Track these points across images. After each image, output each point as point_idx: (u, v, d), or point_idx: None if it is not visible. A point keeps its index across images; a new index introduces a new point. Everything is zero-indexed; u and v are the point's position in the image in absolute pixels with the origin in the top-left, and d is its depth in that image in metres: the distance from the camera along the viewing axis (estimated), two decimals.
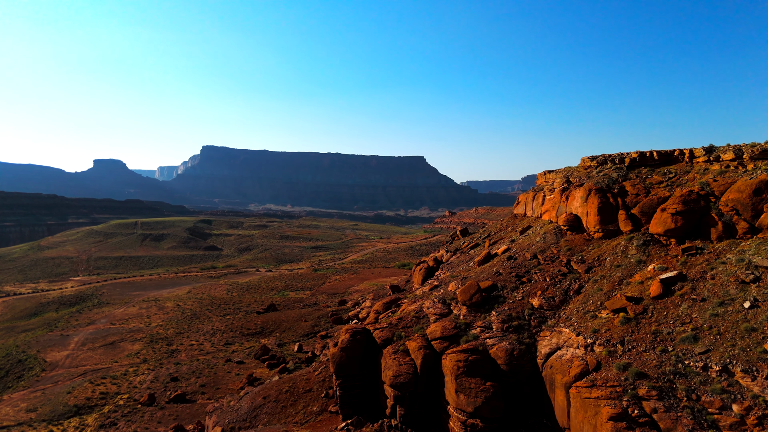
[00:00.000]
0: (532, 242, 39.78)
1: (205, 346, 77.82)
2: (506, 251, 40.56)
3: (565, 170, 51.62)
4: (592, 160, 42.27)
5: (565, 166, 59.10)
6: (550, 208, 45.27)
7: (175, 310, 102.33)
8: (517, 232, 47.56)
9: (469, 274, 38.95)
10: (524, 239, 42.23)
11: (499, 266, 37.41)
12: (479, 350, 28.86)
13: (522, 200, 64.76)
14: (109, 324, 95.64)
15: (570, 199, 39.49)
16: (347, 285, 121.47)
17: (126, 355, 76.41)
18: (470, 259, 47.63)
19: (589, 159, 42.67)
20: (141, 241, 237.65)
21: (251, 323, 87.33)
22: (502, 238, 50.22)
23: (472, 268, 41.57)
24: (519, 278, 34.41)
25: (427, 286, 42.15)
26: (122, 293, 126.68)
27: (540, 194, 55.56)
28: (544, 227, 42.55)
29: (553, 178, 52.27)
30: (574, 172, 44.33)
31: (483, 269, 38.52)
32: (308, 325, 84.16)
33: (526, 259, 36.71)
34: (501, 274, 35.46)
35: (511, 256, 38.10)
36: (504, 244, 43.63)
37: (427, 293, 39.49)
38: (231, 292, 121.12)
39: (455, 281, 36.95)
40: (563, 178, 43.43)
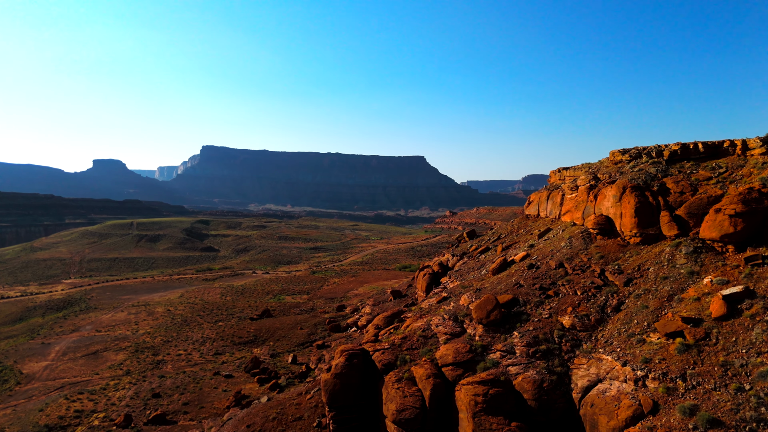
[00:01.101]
0: (556, 248, 34.67)
1: (193, 356, 72.70)
2: (525, 258, 35.46)
3: (585, 166, 46.44)
4: (624, 154, 37.10)
5: (583, 162, 53.98)
6: (572, 208, 40.17)
7: (165, 316, 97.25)
8: (534, 235, 42.45)
9: (483, 284, 33.83)
10: (545, 244, 37.12)
11: (518, 276, 32.29)
12: (501, 381, 23.76)
13: (534, 200, 59.63)
14: (94, 331, 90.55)
15: (599, 198, 34.41)
16: (346, 289, 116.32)
17: (108, 366, 71.28)
18: (482, 266, 42.52)
19: (620, 152, 37.51)
20: (136, 242, 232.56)
21: (244, 331, 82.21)
22: (517, 241, 45.10)
23: (485, 278, 36.45)
24: (544, 291, 29.32)
25: (434, 297, 37.04)
26: (112, 297, 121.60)
27: (556, 193, 50.43)
28: (567, 230, 37.46)
29: (571, 174, 47.09)
30: (601, 168, 39.24)
31: (499, 279, 33.39)
32: (304, 333, 79.03)
33: (551, 268, 31.61)
34: (522, 286, 30.35)
35: (533, 264, 32.98)
36: (521, 250, 38.54)
37: (434, 306, 34.38)
38: (225, 297, 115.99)
39: (467, 293, 31.83)
40: (588, 174, 38.31)
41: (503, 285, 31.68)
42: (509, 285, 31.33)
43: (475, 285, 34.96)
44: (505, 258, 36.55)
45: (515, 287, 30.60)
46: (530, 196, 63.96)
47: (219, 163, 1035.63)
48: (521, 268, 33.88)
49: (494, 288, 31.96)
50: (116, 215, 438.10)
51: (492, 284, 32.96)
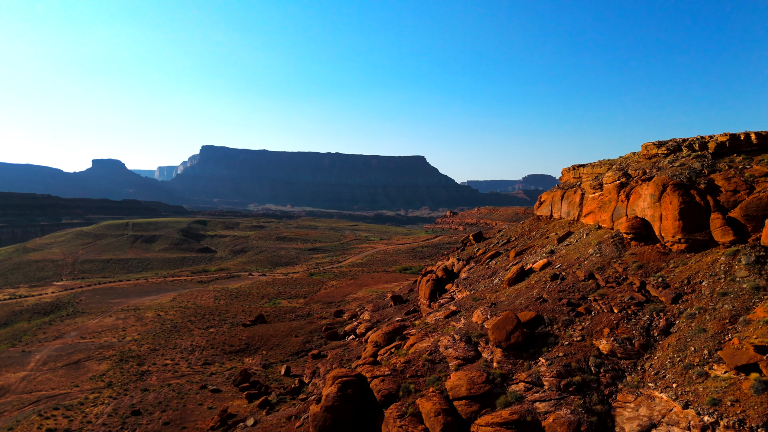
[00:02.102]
0: (582, 255, 30.15)
1: (180, 366, 68.15)
2: (546, 266, 30.95)
3: (606, 162, 41.85)
4: (659, 147, 32.52)
5: (601, 159, 49.46)
6: (595, 209, 35.66)
7: (154, 322, 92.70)
8: (552, 239, 37.90)
9: (499, 297, 29.31)
10: (568, 250, 32.61)
11: (540, 288, 27.77)
12: (527, 422, 19.27)
13: (546, 200, 55.02)
14: (78, 338, 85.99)
15: (633, 197, 29.90)
16: (344, 292, 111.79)
17: (90, 377, 66.72)
18: (493, 274, 37.99)
19: (654, 145, 32.92)
20: (131, 242, 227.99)
21: (235, 338, 77.66)
22: (531, 246, 40.55)
23: (500, 289, 31.94)
24: (573, 308, 24.82)
25: (442, 311, 32.51)
26: (101, 301, 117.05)
27: (572, 192, 45.88)
28: (592, 234, 32.98)
29: (590, 172, 42.52)
30: (630, 163, 34.70)
31: (518, 292, 28.88)
32: (299, 341, 74.49)
33: (579, 279, 27.09)
34: (546, 301, 25.82)
35: (557, 275, 28.45)
36: (539, 256, 34.05)
37: (441, 321, 29.86)
38: (218, 300, 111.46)
39: (481, 308, 27.31)
40: (617, 170, 33.74)
41: (523, 299, 27.14)
42: (530, 299, 26.79)
43: (488, 298, 30.42)
44: (522, 266, 32.02)
45: (538, 302, 26.06)
46: (541, 195, 59.34)
47: (218, 163, 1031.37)
48: (542, 278, 29.34)
49: (512, 302, 27.41)
50: (114, 215, 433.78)
51: (509, 297, 28.41)
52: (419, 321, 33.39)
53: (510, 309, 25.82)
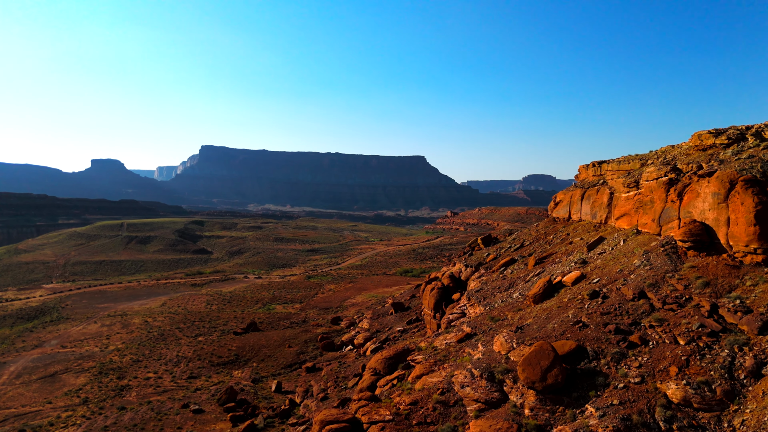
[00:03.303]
0: (626, 267, 24.94)
1: (163, 380, 62.96)
2: (580, 279, 25.78)
3: (636, 157, 36.57)
4: (718, 135, 27.16)
5: (626, 155, 44.21)
6: (630, 210, 30.53)
7: (140, 329, 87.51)
8: (577, 245, 32.73)
9: (524, 319, 24.13)
10: (605, 260, 27.42)
11: (576, 308, 22.58)
12: None
13: (563, 200, 49.73)
14: (59, 347, 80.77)
15: (688, 197, 24.74)
16: (342, 297, 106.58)
17: (65, 392, 61.51)
18: (511, 286, 32.81)
19: (711, 134, 27.58)
20: (125, 243, 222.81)
21: (225, 348, 72.46)
22: (553, 253, 35.35)
23: (523, 306, 26.76)
24: (623, 336, 19.66)
25: (453, 332, 27.31)
26: (88, 306, 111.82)
27: (595, 191, 40.67)
28: (631, 240, 27.85)
29: (615, 168, 37.30)
30: (678, 156, 29.49)
31: (548, 312, 23.67)
32: (292, 352, 69.28)
33: (625, 297, 21.91)
34: (587, 326, 20.64)
35: (596, 292, 23.22)
36: (567, 266, 28.88)
37: (453, 347, 24.68)
38: (210, 305, 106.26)
39: (503, 333, 22.10)
40: (661, 165, 28.51)
41: (556, 323, 21.92)
42: (565, 323, 21.57)
43: (510, 318, 25.21)
44: (550, 280, 26.80)
45: (576, 327, 20.87)
46: (556, 195, 53.99)
47: (218, 163, 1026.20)
48: (577, 295, 24.13)
49: (542, 327, 22.19)
50: (112, 216, 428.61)
51: (538, 320, 23.19)
52: (425, 343, 28.24)
53: (542, 336, 20.59)
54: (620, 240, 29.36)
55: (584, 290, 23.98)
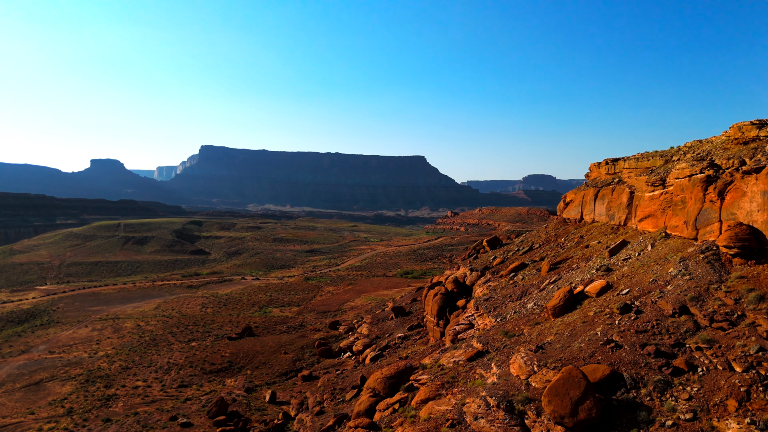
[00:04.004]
0: (659, 276, 22.02)
1: (153, 389, 60.09)
2: (605, 290, 22.85)
3: (657, 154, 33.66)
4: (761, 127, 24.03)
5: (642, 152, 41.32)
6: (656, 211, 27.66)
7: (132, 333, 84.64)
8: (598, 250, 29.79)
9: (543, 335, 21.21)
10: (632, 268, 24.50)
11: (605, 324, 19.65)
12: None
13: (574, 200, 46.80)
14: (47, 352, 77.90)
15: (731, 196, 21.82)
16: (341, 299, 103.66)
17: (49, 402, 58.62)
18: (524, 294, 29.89)
19: (754, 125, 24.44)
20: (122, 244, 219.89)
21: (218, 355, 69.55)
22: (568, 257, 32.42)
23: (540, 319, 23.84)
24: (666, 360, 16.75)
25: (462, 348, 24.38)
26: (80, 308, 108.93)
27: (611, 191, 37.77)
28: (661, 245, 24.95)
29: (633, 166, 34.40)
30: (714, 151, 26.58)
31: (571, 328, 20.73)
32: (288, 359, 66.37)
33: (664, 313, 19.00)
34: (621, 347, 17.73)
35: (628, 305, 20.27)
36: (587, 273, 25.98)
37: (462, 367, 21.78)
38: (205, 308, 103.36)
39: (521, 353, 19.18)
40: (695, 160, 25.58)
41: (582, 341, 18.98)
42: (594, 342, 18.63)
43: (527, 334, 22.28)
44: (571, 289, 23.86)
45: (608, 348, 17.94)
46: (566, 195, 51.01)
47: (218, 163, 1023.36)
48: (604, 308, 21.16)
49: (566, 346, 19.25)
50: (110, 216, 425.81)
51: (560, 337, 20.25)
52: (430, 359, 25.33)
53: (567, 358, 17.66)
54: (647, 244, 26.48)
55: (613, 303, 21.05)
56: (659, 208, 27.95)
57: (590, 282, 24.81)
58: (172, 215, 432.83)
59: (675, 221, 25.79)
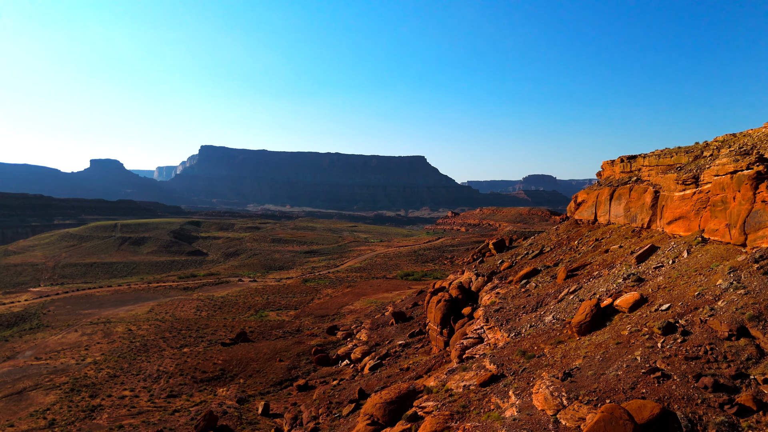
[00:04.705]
0: (706, 289, 19.00)
1: (140, 399, 57.06)
2: (639, 304, 19.82)
3: (682, 150, 30.67)
4: None
5: (659, 148, 38.34)
6: (689, 213, 24.70)
7: (123, 338, 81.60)
8: (621, 255, 26.77)
9: (570, 358, 18.17)
10: (669, 278, 21.50)
11: (645, 347, 16.63)
12: None
13: (587, 200, 43.81)
14: (33, 358, 74.90)
15: None
16: (340, 303, 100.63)
17: (30, 413, 55.57)
18: (539, 305, 26.90)
19: None
20: (118, 245, 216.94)
21: (210, 362, 66.52)
22: (587, 263, 29.40)
23: (563, 337, 20.82)
24: (728, 395, 13.76)
25: (473, 370, 21.35)
26: (71, 312, 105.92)
27: (628, 190, 34.76)
28: (699, 252, 21.98)
29: (653, 164, 31.44)
30: (761, 145, 23.57)
31: (604, 350, 17.69)
32: (283, 367, 63.33)
33: (717, 335, 16.01)
34: (668, 377, 14.72)
35: (672, 324, 17.22)
36: (613, 282, 23.00)
37: (475, 394, 18.77)
38: (200, 312, 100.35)
39: (546, 382, 16.15)
40: (738, 155, 22.57)
41: (620, 368, 15.93)
42: (634, 369, 15.60)
43: (548, 354, 19.25)
44: (598, 302, 20.83)
45: (652, 378, 14.93)
46: (577, 195, 48.01)
47: (218, 163, 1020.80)
48: (642, 327, 18.11)
49: (599, 372, 16.22)
50: (109, 216, 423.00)
51: (591, 361, 17.21)
52: (435, 380, 22.32)
53: (603, 390, 14.63)
54: (681, 250, 23.52)
55: (651, 321, 18.04)
56: (692, 209, 25.00)
57: (619, 294, 21.83)
58: (171, 215, 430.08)
59: (714, 224, 22.80)
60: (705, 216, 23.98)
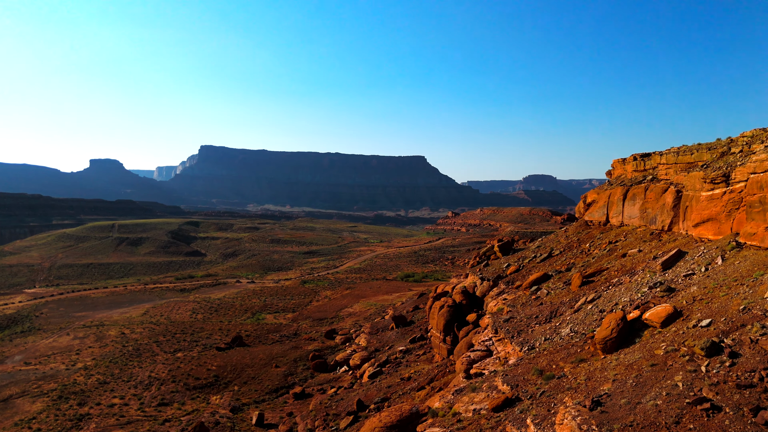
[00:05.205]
0: (753, 302, 16.74)
1: (130, 407, 54.81)
2: (674, 318, 17.58)
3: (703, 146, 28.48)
4: None
5: (675, 146, 36.22)
6: (719, 215, 22.50)
7: (115, 342, 79.41)
8: (643, 260, 24.54)
9: (596, 381, 15.93)
10: (704, 288, 19.27)
11: (686, 372, 14.37)
12: None
13: (598, 200, 41.57)
14: (22, 363, 72.69)
15: None
16: (339, 305, 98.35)
17: (15, 422, 53.34)
18: (554, 315, 24.65)
19: None
20: (116, 245, 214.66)
21: (204, 368, 64.26)
22: (602, 269, 27.16)
23: (584, 353, 18.60)
24: None
25: (482, 388, 19.09)
26: (65, 314, 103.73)
27: (643, 190, 32.52)
28: (737, 258, 19.82)
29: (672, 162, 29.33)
30: None
31: (635, 373, 15.42)
32: (279, 374, 61.07)
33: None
34: (720, 410, 12.50)
35: (716, 344, 14.97)
36: (639, 294, 20.78)
37: (486, 418, 16.56)
38: (195, 314, 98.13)
39: (571, 411, 13.90)
40: None
41: (657, 396, 13.70)
42: (675, 399, 13.37)
43: (569, 375, 17.02)
44: (624, 315, 18.57)
45: (699, 410, 12.72)
46: (587, 194, 45.75)
47: (217, 162, 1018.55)
48: (680, 346, 15.85)
49: (634, 401, 13.97)
50: (107, 216, 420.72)
51: (623, 387, 14.94)
52: (440, 401, 20.07)
53: (641, 423, 12.41)
54: (714, 256, 21.32)
55: (690, 339, 15.78)
56: (723, 210, 22.82)
57: (646, 305, 19.60)
58: (170, 215, 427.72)
59: (751, 227, 20.59)
60: (738, 218, 21.84)
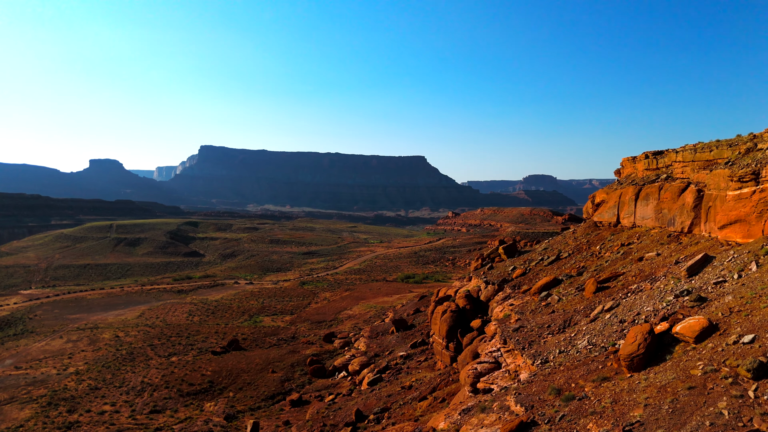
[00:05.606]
0: None
1: (121, 414, 52.94)
2: (709, 333, 15.68)
3: (723, 143, 26.54)
4: None
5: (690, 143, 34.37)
6: (747, 216, 20.68)
7: (109, 345, 77.58)
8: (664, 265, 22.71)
9: (622, 404, 14.07)
10: (741, 297, 17.42)
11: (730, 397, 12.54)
12: None
13: (608, 200, 39.71)
14: (12, 368, 70.81)
15: None
16: (338, 308, 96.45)
17: (1, 430, 51.51)
18: (568, 324, 22.80)
19: None
20: (113, 246, 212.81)
21: (198, 373, 62.37)
22: (618, 274, 25.32)
23: (606, 370, 16.74)
24: None
25: (492, 408, 17.24)
26: (59, 316, 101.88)
27: (657, 190, 30.67)
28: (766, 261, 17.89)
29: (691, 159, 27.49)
30: None
31: (671, 397, 13.54)
32: (276, 379, 59.18)
33: None
34: None
35: (764, 365, 13.18)
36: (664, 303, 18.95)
37: None
38: (192, 317, 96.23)
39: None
40: None
41: (701, 426, 11.85)
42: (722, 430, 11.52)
43: (592, 396, 15.13)
44: (651, 328, 16.69)
45: None
46: (595, 194, 43.92)
47: (217, 163, 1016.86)
48: (720, 366, 13.95)
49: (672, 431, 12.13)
50: (107, 216, 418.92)
51: (657, 413, 13.09)
52: (447, 423, 18.15)
53: None
54: (747, 262, 19.47)
55: (732, 357, 13.95)
56: (753, 211, 20.97)
57: (674, 316, 17.74)
58: (170, 216, 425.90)
59: None
60: None
